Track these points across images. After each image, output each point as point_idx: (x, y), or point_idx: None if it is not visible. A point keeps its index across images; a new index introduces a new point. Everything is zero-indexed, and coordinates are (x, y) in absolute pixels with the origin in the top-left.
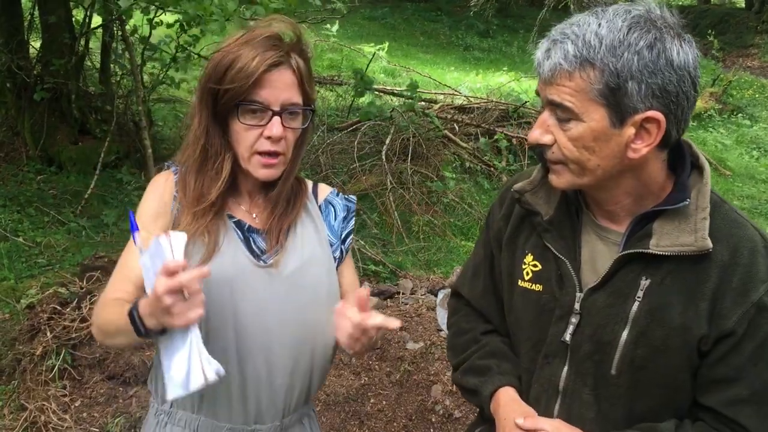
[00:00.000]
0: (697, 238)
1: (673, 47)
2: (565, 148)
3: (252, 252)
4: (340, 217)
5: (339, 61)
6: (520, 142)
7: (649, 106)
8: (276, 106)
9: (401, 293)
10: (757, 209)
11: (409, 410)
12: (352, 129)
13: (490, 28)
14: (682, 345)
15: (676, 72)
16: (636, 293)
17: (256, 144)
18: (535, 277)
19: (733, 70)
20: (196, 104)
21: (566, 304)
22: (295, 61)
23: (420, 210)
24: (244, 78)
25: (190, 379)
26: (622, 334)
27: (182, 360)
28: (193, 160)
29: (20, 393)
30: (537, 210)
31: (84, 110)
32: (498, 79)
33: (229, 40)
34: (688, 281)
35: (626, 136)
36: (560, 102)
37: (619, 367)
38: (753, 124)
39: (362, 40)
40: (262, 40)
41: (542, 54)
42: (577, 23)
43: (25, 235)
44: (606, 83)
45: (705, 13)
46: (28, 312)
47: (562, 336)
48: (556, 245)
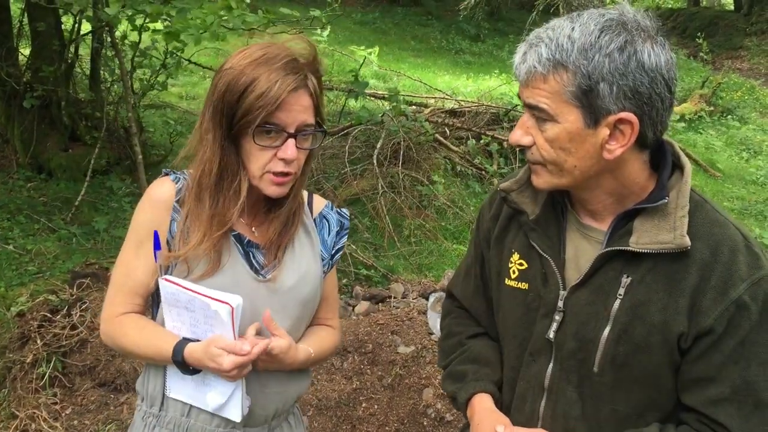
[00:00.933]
0: (676, 236)
1: (644, 49)
2: (543, 149)
3: (251, 266)
4: (333, 231)
5: (330, 66)
6: (510, 146)
7: (621, 108)
8: (291, 129)
9: (393, 297)
10: (747, 210)
11: (401, 414)
12: (344, 134)
13: (480, 32)
14: (662, 342)
15: (647, 74)
16: (617, 290)
17: (269, 165)
18: (521, 276)
19: (723, 72)
20: (208, 120)
21: (550, 302)
22: (312, 83)
23: (411, 214)
24: (265, 104)
25: (227, 407)
26: (603, 331)
27: (224, 389)
28: (209, 178)
29: (11, 401)
30: (523, 209)
31: (74, 117)
32: (489, 82)
33: (243, 57)
34: (668, 278)
35: (601, 137)
36: (536, 104)
37: (601, 365)
38: (742, 125)
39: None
40: (282, 65)
41: (519, 58)
42: (552, 27)
43: (16, 242)
44: (578, 85)
45: (694, 16)
46: (18, 320)
47: (546, 333)
48: (541, 244)
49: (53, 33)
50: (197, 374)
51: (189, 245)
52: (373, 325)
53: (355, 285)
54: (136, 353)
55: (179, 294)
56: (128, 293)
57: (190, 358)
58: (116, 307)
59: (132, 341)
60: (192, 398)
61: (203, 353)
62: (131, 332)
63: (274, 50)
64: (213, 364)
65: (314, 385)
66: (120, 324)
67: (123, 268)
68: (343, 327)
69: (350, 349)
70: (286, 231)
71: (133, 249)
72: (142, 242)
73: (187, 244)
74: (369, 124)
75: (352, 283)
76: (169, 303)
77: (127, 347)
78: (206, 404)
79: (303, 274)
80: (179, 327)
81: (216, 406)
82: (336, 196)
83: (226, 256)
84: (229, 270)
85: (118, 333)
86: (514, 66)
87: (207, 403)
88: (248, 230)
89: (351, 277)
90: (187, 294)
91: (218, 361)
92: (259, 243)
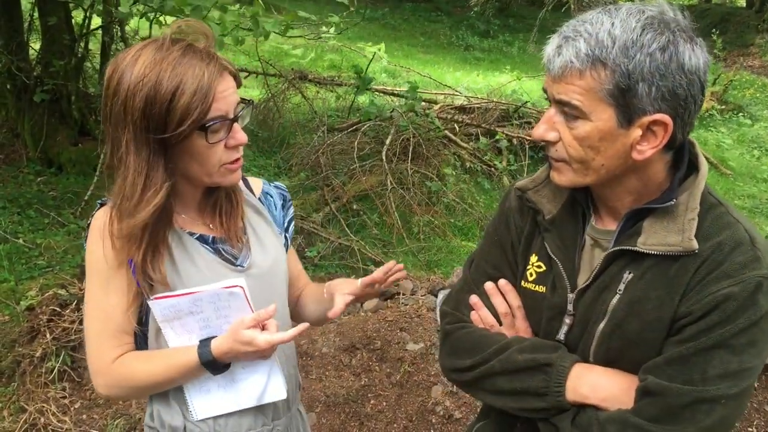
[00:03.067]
0: (684, 239)
1: (686, 51)
2: (570, 146)
3: (226, 260)
4: (278, 205)
5: (339, 62)
6: (520, 142)
7: (657, 109)
8: (232, 114)
9: (401, 294)
10: (758, 208)
11: (409, 411)
12: (353, 129)
13: (490, 28)
14: (656, 338)
15: (686, 76)
16: (618, 286)
17: (223, 157)
18: (538, 279)
19: (734, 69)
20: (129, 143)
21: (558, 305)
22: (225, 61)
23: (420, 210)
24: (202, 100)
25: (269, 390)
26: (600, 324)
27: (260, 375)
28: (130, 201)
29: (20, 395)
30: (539, 208)
31: (84, 111)
32: (499, 79)
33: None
34: (668, 276)
35: (632, 137)
36: (568, 101)
37: (595, 356)
38: (754, 123)
39: (362, 41)
40: (192, 55)
41: (552, 50)
42: (590, 21)
43: (25, 236)
44: (617, 84)
45: (706, 12)
46: (27, 314)
47: (557, 335)
48: (553, 246)
49: (64, 27)
50: (223, 374)
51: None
52: (382, 322)
53: None
54: (155, 383)
55: (179, 303)
56: (114, 335)
57: (219, 353)
58: (107, 354)
59: (147, 373)
60: (226, 405)
61: (233, 341)
62: (140, 365)
63: (169, 44)
64: (248, 348)
65: (322, 382)
66: (122, 365)
67: (98, 312)
68: (352, 323)
69: (359, 346)
70: (234, 211)
71: (101, 289)
72: (107, 278)
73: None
74: (378, 120)
75: None
76: (168, 319)
77: (140, 384)
78: (248, 399)
79: (273, 254)
80: (188, 337)
81: (258, 395)
82: (345, 192)
83: (198, 258)
84: (207, 271)
85: (126, 375)
86: (546, 58)
87: (248, 397)
88: (206, 228)
89: (359, 273)
90: (189, 297)
91: (255, 342)
92: (222, 236)
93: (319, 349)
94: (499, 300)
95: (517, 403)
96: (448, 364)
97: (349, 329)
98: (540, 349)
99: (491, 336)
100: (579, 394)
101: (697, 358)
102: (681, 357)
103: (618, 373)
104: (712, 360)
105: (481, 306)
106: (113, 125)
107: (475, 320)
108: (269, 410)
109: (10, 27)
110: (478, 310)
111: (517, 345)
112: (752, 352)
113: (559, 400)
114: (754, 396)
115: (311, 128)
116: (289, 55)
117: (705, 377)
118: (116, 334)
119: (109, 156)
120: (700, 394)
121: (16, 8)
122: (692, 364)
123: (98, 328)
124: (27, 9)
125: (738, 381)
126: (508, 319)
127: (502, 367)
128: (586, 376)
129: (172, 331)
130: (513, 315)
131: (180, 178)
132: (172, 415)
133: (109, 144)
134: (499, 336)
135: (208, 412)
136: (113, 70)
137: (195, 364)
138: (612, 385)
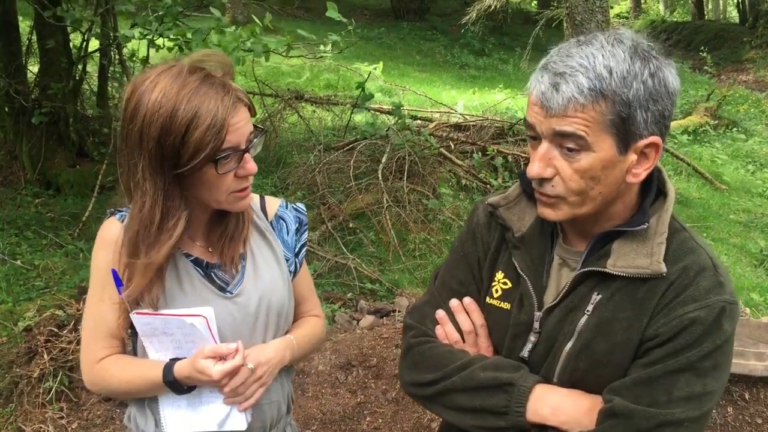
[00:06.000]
0: (653, 262)
1: (669, 75)
2: (571, 180)
3: (216, 286)
4: (292, 230)
5: (335, 81)
6: (516, 159)
7: (651, 132)
8: (244, 145)
9: (397, 311)
10: (753, 223)
11: (405, 428)
12: (349, 148)
13: (485, 46)
14: (622, 360)
15: (671, 97)
16: (586, 307)
17: (232, 185)
18: (504, 295)
19: (728, 84)
20: (144, 170)
21: (524, 322)
22: (238, 90)
23: (416, 228)
24: (216, 134)
25: (230, 418)
26: (566, 345)
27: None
28: (150, 228)
29: (17, 416)
30: (509, 225)
31: (81, 133)
32: (494, 96)
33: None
34: (636, 298)
35: (629, 162)
36: (573, 132)
37: (560, 376)
38: (748, 138)
39: (358, 60)
40: (210, 86)
41: (547, 87)
42: (578, 55)
43: (23, 258)
44: (618, 113)
45: (700, 29)
46: (25, 335)
47: (521, 352)
48: (522, 263)
49: (61, 50)
50: (191, 393)
51: (129, 290)
52: (378, 339)
53: (359, 299)
54: (126, 390)
55: (154, 321)
56: (102, 337)
57: (180, 375)
58: (95, 354)
59: (119, 380)
60: (192, 425)
61: (192, 368)
62: (116, 372)
63: (186, 73)
64: (203, 377)
65: (318, 399)
66: (102, 368)
67: (92, 314)
68: (347, 341)
69: (354, 363)
70: (238, 235)
71: (98, 293)
72: (104, 286)
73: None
74: (373, 138)
75: (357, 297)
76: (147, 334)
77: (115, 388)
78: (209, 422)
79: (268, 283)
80: (164, 354)
81: (220, 421)
82: (341, 210)
83: (187, 282)
84: (192, 295)
85: (104, 377)
86: (539, 95)
87: (209, 420)
88: (206, 252)
89: (356, 291)
90: (161, 318)
91: (207, 372)
92: (218, 262)
93: (315, 366)
94: (464, 317)
95: (476, 421)
96: (409, 378)
97: (344, 347)
98: (502, 368)
99: (455, 352)
100: (539, 416)
101: (664, 380)
102: (648, 378)
103: (580, 395)
104: (677, 382)
105: (447, 321)
106: (129, 149)
107: (440, 335)
108: None
109: (9, 50)
110: (444, 326)
111: (480, 363)
112: (715, 375)
113: (519, 420)
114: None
115: (308, 147)
116: (285, 74)
117: (670, 399)
118: (105, 337)
119: (125, 178)
120: (665, 417)
121: (14, 32)
122: (659, 386)
123: (90, 328)
124: (25, 32)
125: (701, 404)
126: (471, 336)
127: (463, 384)
128: (548, 398)
129: (151, 346)
130: (476, 333)
131: (191, 200)
132: (146, 422)
133: (126, 166)
134: (462, 353)
135: (177, 427)
136: (131, 93)
137: (159, 382)
138: (573, 408)
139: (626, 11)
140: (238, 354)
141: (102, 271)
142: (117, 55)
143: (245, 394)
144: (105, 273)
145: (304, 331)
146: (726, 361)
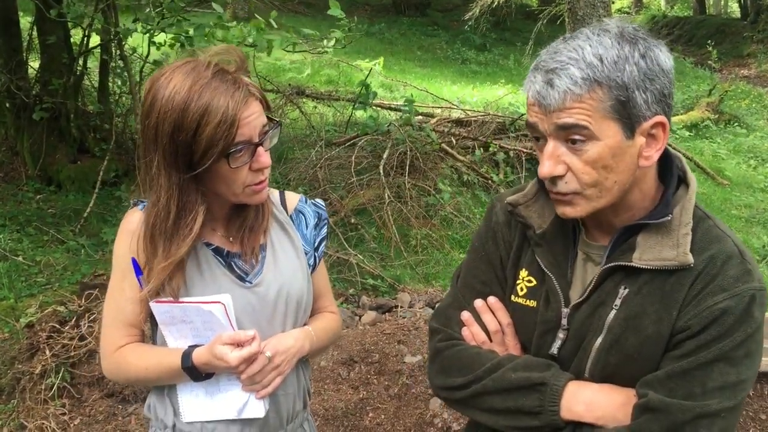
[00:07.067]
0: (679, 253)
1: (660, 54)
2: (583, 172)
3: (236, 275)
4: (311, 224)
5: (336, 77)
6: (517, 155)
7: (654, 112)
8: (257, 138)
9: (399, 307)
10: (755, 218)
11: (407, 424)
12: (350, 144)
13: (486, 41)
14: (654, 353)
15: (666, 75)
16: (614, 301)
17: (247, 179)
18: (529, 293)
19: (730, 79)
20: (159, 165)
21: (552, 319)
22: (251, 84)
23: (418, 223)
24: (227, 129)
25: (248, 406)
26: (596, 340)
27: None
28: (166, 223)
29: (20, 412)
30: (530, 223)
31: (83, 129)
32: (495, 92)
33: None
34: (664, 291)
35: (638, 145)
36: (575, 122)
37: (591, 371)
38: (750, 133)
39: (359, 56)
40: (221, 81)
41: (542, 85)
42: (567, 49)
43: (25, 254)
44: (616, 98)
45: (701, 24)
46: (27, 331)
47: (551, 350)
48: (545, 260)
49: (62, 46)
50: (209, 381)
51: (150, 285)
52: (380, 335)
53: (361, 295)
54: (145, 378)
55: (173, 310)
56: (122, 325)
57: (198, 362)
58: (114, 342)
59: (137, 368)
60: (210, 413)
61: (210, 354)
62: (134, 360)
63: (201, 68)
64: (221, 363)
65: (321, 395)
66: (121, 356)
67: (113, 302)
68: (350, 337)
69: (357, 359)
70: (258, 226)
71: (118, 282)
72: (125, 274)
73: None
74: (375, 134)
75: (359, 293)
76: (166, 323)
77: (133, 375)
78: (227, 410)
79: (288, 273)
80: (183, 342)
81: (238, 409)
82: (343, 206)
83: (207, 270)
84: (212, 283)
85: (122, 365)
86: (534, 95)
87: (228, 408)
88: (226, 241)
89: (358, 287)
90: (179, 306)
91: (225, 359)
92: (238, 251)
93: (318, 362)
94: (490, 317)
95: (510, 422)
96: (439, 382)
97: (347, 342)
98: (533, 368)
99: (483, 354)
100: (574, 413)
101: (698, 371)
102: (682, 371)
103: (612, 389)
104: (711, 373)
105: (473, 322)
106: (146, 144)
107: (467, 337)
108: (256, 424)
109: (10, 46)
110: (470, 327)
111: (510, 363)
112: (748, 363)
113: (554, 419)
114: (749, 404)
115: (309, 143)
116: (286, 70)
117: (705, 390)
118: (124, 325)
119: (143, 172)
120: (701, 409)
121: (15, 27)
122: (693, 378)
123: (111, 316)
124: (26, 28)
125: (736, 393)
126: (498, 336)
127: (495, 386)
128: (581, 394)
129: (170, 334)
130: (503, 332)
131: (209, 193)
132: (165, 411)
133: (144, 159)
134: (491, 354)
135: (195, 415)
136: (150, 87)
137: (178, 368)
138: (607, 403)
139: (627, 6)
140: (254, 341)
141: (123, 260)
142: (118, 51)
143: (262, 382)
144: (125, 262)
145: (321, 324)
146: (758, 348)
